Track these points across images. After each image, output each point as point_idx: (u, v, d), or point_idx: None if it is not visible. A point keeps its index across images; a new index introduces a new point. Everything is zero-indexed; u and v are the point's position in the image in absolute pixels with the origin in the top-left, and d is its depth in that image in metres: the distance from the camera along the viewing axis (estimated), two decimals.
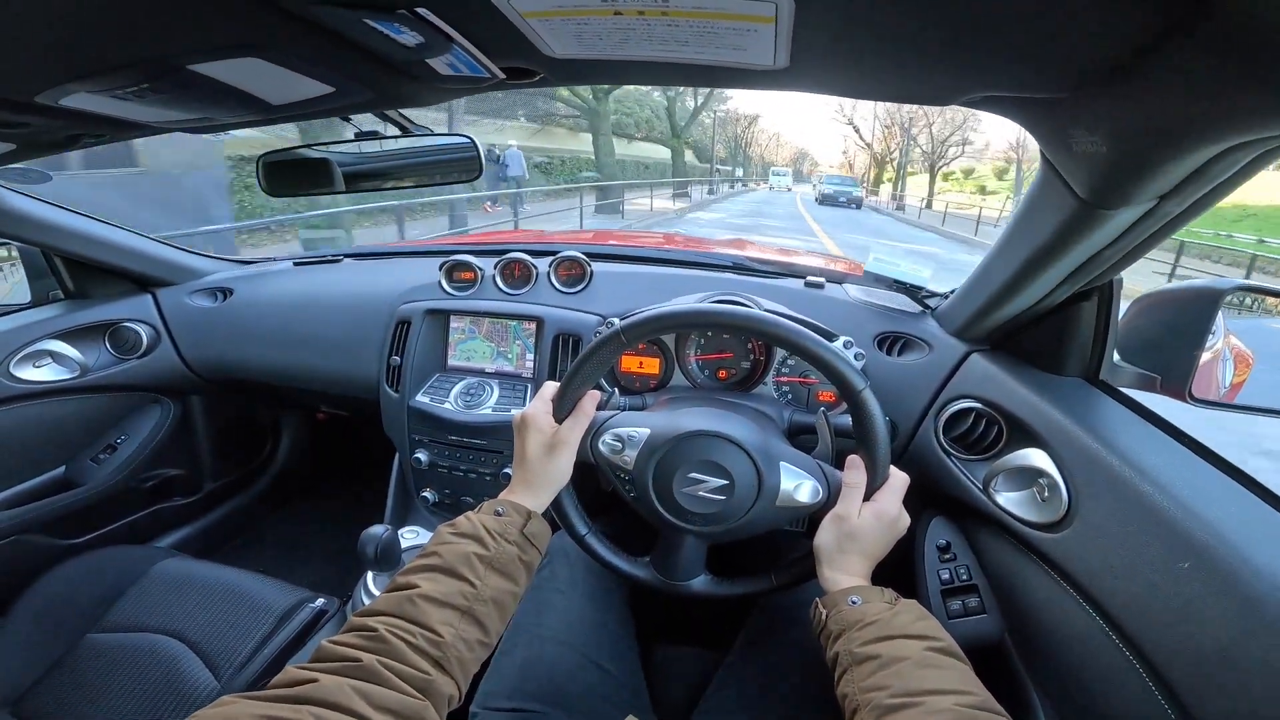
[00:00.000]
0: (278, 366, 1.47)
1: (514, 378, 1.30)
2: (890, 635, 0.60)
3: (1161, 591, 0.60)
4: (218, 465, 1.77)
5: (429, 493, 1.35)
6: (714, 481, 0.75)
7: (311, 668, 0.49)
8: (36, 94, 0.62)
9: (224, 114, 0.73)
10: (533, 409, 0.77)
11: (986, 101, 0.56)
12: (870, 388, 0.72)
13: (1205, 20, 0.36)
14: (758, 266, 1.42)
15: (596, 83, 0.68)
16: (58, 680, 1.00)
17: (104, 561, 1.25)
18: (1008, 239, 0.80)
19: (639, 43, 0.50)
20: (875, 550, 0.72)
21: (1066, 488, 0.75)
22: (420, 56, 0.56)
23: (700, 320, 0.82)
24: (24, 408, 1.32)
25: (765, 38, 0.46)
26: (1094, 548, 0.69)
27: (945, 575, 0.91)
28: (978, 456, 0.91)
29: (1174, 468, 0.69)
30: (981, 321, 0.95)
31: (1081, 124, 0.52)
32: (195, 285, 1.57)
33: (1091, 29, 0.41)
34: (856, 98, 0.64)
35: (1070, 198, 0.62)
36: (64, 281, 1.43)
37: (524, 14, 0.46)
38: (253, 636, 1.06)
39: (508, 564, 0.64)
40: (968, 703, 0.52)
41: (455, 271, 1.36)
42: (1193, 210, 0.60)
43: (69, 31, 0.50)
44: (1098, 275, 0.77)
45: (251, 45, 0.53)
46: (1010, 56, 0.47)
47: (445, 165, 1.00)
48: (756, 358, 1.13)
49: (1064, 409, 0.80)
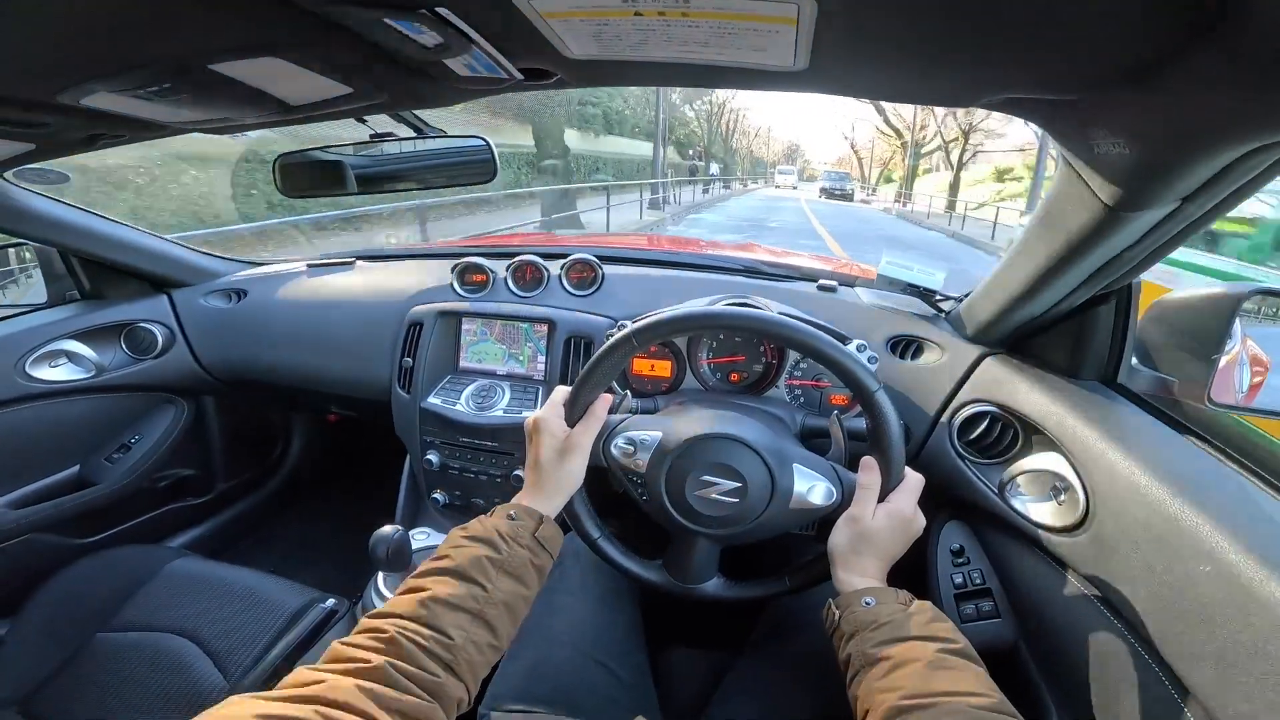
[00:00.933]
0: (290, 367, 1.47)
1: (525, 380, 1.30)
2: (903, 637, 0.60)
3: (1182, 594, 0.60)
4: (230, 465, 1.78)
5: (439, 494, 1.35)
6: (727, 484, 0.75)
7: (322, 668, 0.49)
8: (58, 93, 0.63)
9: (243, 114, 0.73)
10: (544, 413, 0.77)
11: (1007, 103, 0.56)
12: (884, 390, 0.72)
13: (1229, 23, 0.36)
14: (769, 270, 1.41)
15: (614, 84, 0.68)
16: (67, 679, 1.01)
17: (115, 561, 1.25)
18: (1026, 241, 0.80)
19: (658, 44, 0.50)
20: (890, 551, 0.72)
21: (1084, 491, 0.74)
22: (438, 57, 0.57)
23: (710, 323, 0.82)
24: (39, 407, 1.33)
25: (786, 39, 0.46)
26: (1113, 551, 0.69)
27: (958, 579, 0.90)
28: (992, 460, 0.91)
29: (1194, 471, 0.68)
30: (997, 325, 0.95)
31: (1104, 126, 0.52)
32: (210, 286, 1.58)
33: (1116, 31, 0.41)
34: (874, 99, 0.64)
35: (1091, 200, 0.61)
36: (80, 282, 1.44)
37: (544, 14, 0.46)
38: (263, 636, 1.06)
39: (519, 568, 0.64)
40: (982, 705, 0.52)
41: (467, 274, 1.36)
42: (1214, 212, 0.59)
43: (92, 31, 0.50)
44: (1117, 278, 0.76)
45: (272, 45, 0.53)
46: (1034, 58, 0.47)
47: (459, 168, 1.01)
48: (769, 361, 1.13)
49: (1082, 412, 0.79)
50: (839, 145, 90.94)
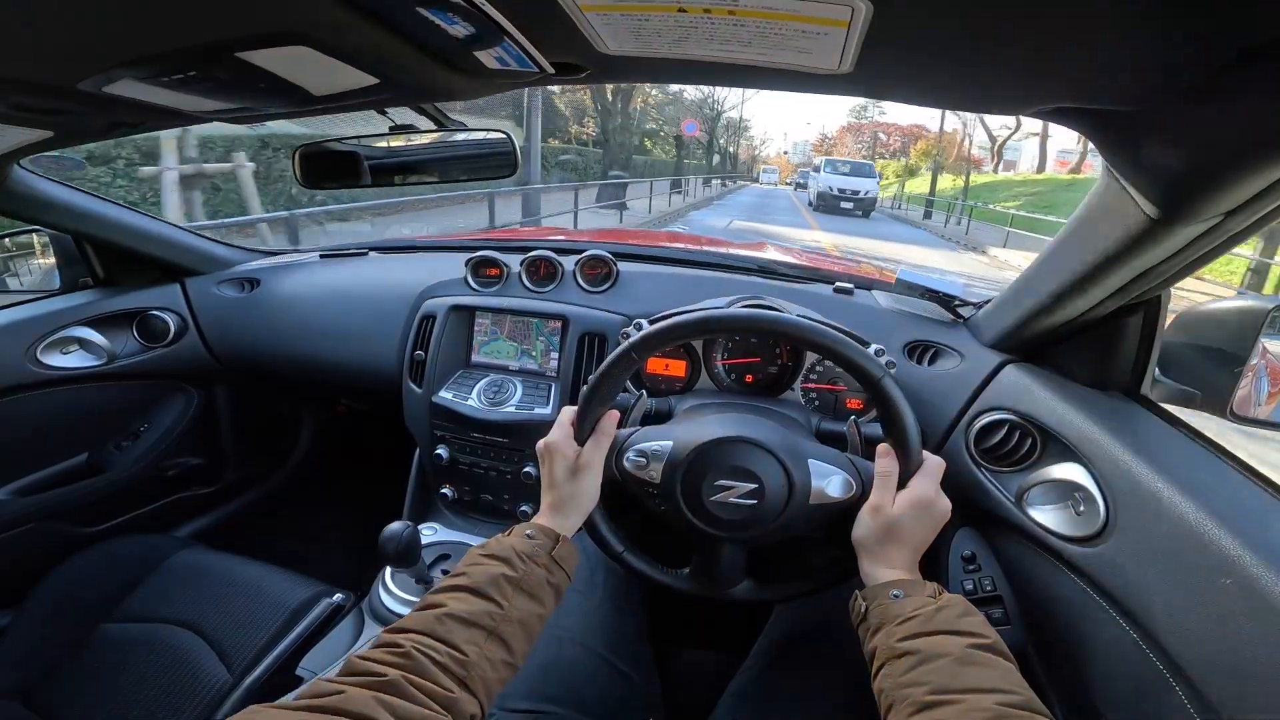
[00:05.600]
0: (301, 358, 1.47)
1: (538, 376, 1.30)
2: (931, 631, 0.59)
3: (1201, 606, 0.59)
4: (239, 456, 1.78)
5: (448, 489, 1.35)
6: (743, 486, 0.74)
7: (339, 681, 0.50)
8: (79, 80, 0.62)
9: (266, 104, 0.73)
10: (554, 436, 0.77)
11: (1056, 113, 0.55)
12: (891, 375, 0.72)
13: None
14: (785, 270, 1.40)
15: (645, 81, 0.67)
16: (71, 669, 1.01)
17: (121, 551, 1.26)
18: (1058, 249, 0.79)
19: (699, 41, 0.49)
20: (917, 540, 0.70)
21: (1104, 501, 0.73)
22: (469, 48, 0.56)
23: (710, 327, 0.80)
24: (50, 394, 1.33)
25: (834, 41, 0.45)
26: (1132, 562, 0.68)
27: (969, 586, 0.90)
28: (1009, 469, 0.90)
29: (1217, 484, 0.68)
30: (1020, 332, 0.94)
31: (1156, 138, 0.51)
32: (223, 275, 1.57)
33: (1176, 44, 0.40)
34: (918, 104, 0.63)
35: (1133, 211, 0.60)
36: (94, 268, 1.44)
37: (583, 7, 0.45)
38: (268, 631, 1.05)
39: (535, 586, 0.65)
40: (1010, 701, 0.51)
41: (481, 267, 1.35)
42: (1254, 227, 0.59)
43: (118, 16, 0.49)
44: (1149, 289, 0.75)
45: (303, 33, 0.52)
46: (1091, 69, 0.46)
47: (480, 161, 0.99)
48: (784, 362, 1.12)
49: (1105, 423, 0.78)
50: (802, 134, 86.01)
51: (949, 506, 0.72)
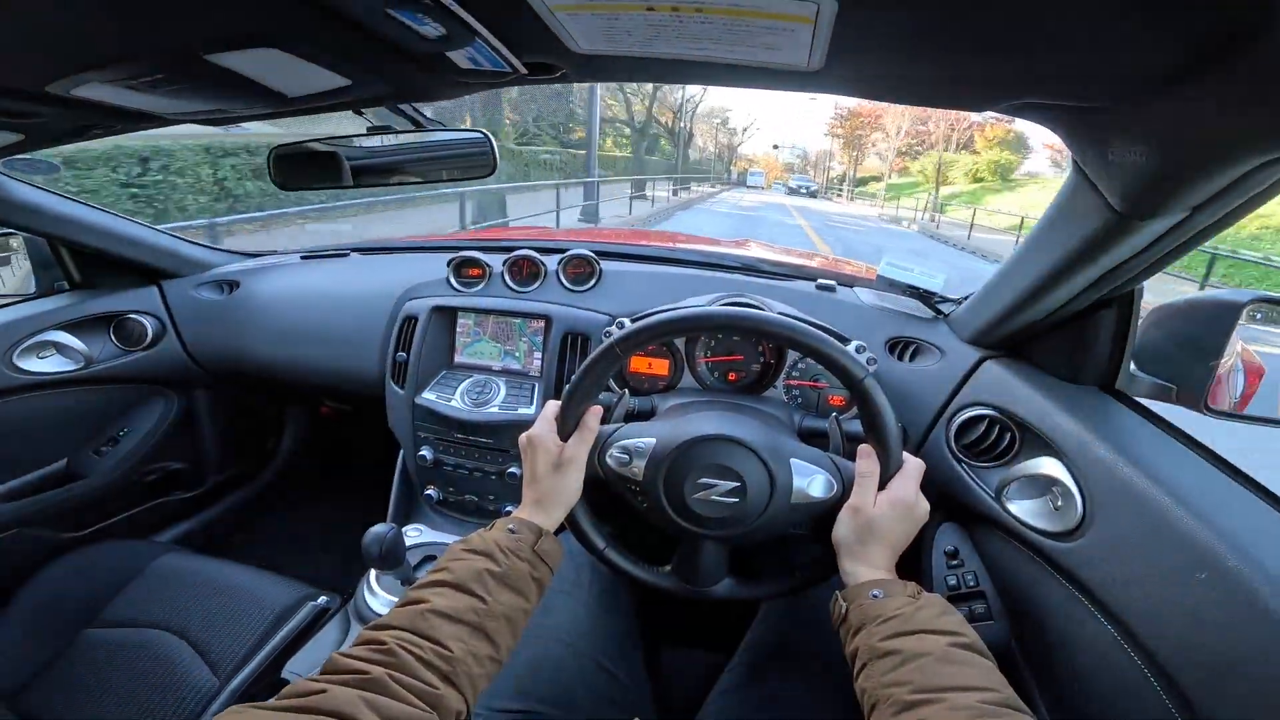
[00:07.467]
0: (282, 360, 1.46)
1: (521, 376, 1.29)
2: (912, 630, 0.59)
3: (1177, 601, 0.60)
4: (221, 459, 1.76)
5: (433, 490, 1.34)
6: (725, 485, 0.74)
7: (321, 679, 0.49)
8: (48, 84, 0.61)
9: (239, 106, 0.72)
10: (537, 430, 0.77)
11: (1025, 109, 0.55)
12: (873, 376, 0.72)
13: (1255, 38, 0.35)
14: (768, 268, 1.41)
15: (619, 80, 0.67)
16: (55, 676, 1.00)
17: (103, 556, 1.24)
18: (1031, 245, 0.80)
19: (669, 40, 0.49)
20: (896, 540, 0.71)
21: (1081, 496, 0.74)
22: (440, 49, 0.56)
23: (692, 324, 0.80)
24: (27, 399, 1.31)
25: (801, 38, 0.45)
26: (1109, 557, 0.69)
27: (952, 581, 0.90)
28: (989, 464, 0.90)
29: (1191, 479, 0.68)
30: (997, 328, 0.94)
31: (1122, 134, 0.52)
32: (202, 278, 1.56)
33: (1144, 41, 0.40)
34: (888, 101, 0.63)
35: (1102, 207, 0.61)
36: (70, 272, 1.42)
37: (553, 7, 0.45)
38: (253, 634, 1.05)
39: (518, 580, 0.64)
40: (991, 699, 0.51)
41: (463, 268, 1.34)
42: (1223, 222, 0.59)
43: (84, 19, 0.49)
44: (1121, 284, 0.76)
45: (271, 35, 0.52)
46: (1058, 65, 0.46)
47: (457, 161, 0.99)
48: (767, 361, 1.12)
49: (1080, 417, 0.79)
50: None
51: (928, 508, 0.73)
